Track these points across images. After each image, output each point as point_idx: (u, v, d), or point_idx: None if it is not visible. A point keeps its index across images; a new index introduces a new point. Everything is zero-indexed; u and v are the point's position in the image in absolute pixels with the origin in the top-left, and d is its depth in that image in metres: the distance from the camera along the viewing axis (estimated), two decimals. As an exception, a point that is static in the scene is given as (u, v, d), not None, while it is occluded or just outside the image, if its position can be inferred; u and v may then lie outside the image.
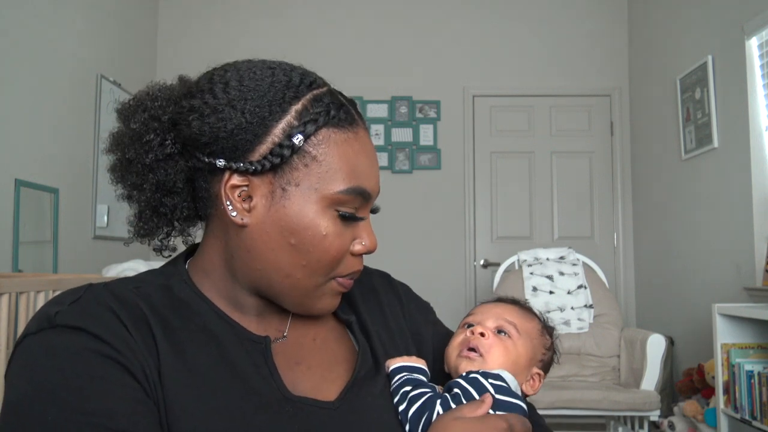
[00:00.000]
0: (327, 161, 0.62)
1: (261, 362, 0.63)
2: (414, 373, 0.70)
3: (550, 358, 0.81)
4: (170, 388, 0.57)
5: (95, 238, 3.34)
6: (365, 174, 0.64)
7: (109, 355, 0.55)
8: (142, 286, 0.64)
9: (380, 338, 0.74)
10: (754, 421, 2.24)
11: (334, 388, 0.66)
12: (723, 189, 2.98)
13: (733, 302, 2.71)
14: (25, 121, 2.73)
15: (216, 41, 4.11)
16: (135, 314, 0.59)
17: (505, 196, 4.10)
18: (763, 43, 2.73)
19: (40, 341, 0.56)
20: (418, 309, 0.83)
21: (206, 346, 0.62)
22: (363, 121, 0.67)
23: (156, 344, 0.59)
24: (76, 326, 0.56)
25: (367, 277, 0.80)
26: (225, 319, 0.65)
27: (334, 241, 0.62)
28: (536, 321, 0.81)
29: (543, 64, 4.12)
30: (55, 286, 1.86)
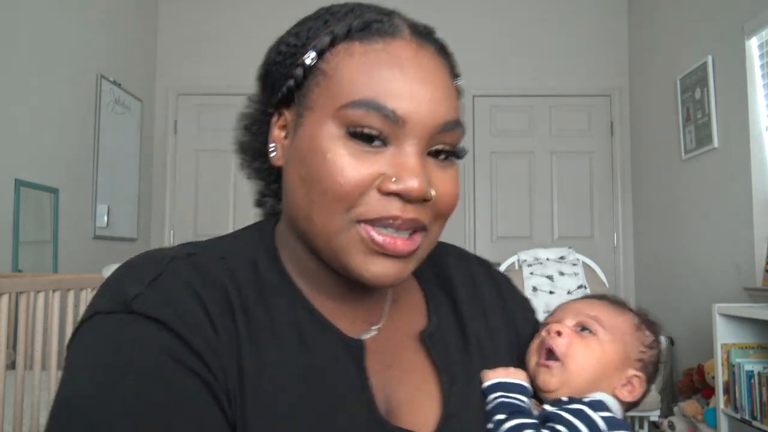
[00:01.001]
0: (338, 75, 0.52)
1: (353, 375, 0.53)
2: (511, 393, 0.59)
3: (654, 358, 0.68)
4: (251, 403, 0.48)
5: (95, 238, 3.34)
6: (390, 89, 0.50)
7: (191, 367, 0.46)
8: (229, 259, 0.55)
9: (479, 339, 0.63)
10: (754, 421, 2.24)
11: (430, 404, 0.56)
12: (723, 189, 2.98)
13: (733, 302, 2.71)
14: (25, 121, 2.73)
15: (216, 41, 4.11)
16: (221, 301, 0.51)
17: (505, 196, 4.10)
18: (763, 43, 2.73)
19: (111, 327, 0.47)
20: (518, 305, 0.71)
21: (292, 351, 0.52)
22: (419, 36, 0.55)
23: (239, 344, 0.50)
24: (157, 319, 0.47)
25: (468, 265, 0.70)
26: (313, 313, 0.55)
27: (344, 168, 0.50)
28: (629, 314, 0.69)
29: (543, 64, 4.12)
30: (55, 286, 1.86)
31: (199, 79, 4.11)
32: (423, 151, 0.52)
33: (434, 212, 0.54)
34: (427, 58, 0.53)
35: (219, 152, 4.09)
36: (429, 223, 0.53)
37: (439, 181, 0.53)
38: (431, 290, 0.65)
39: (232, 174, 4.09)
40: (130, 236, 3.75)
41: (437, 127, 0.52)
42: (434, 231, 0.55)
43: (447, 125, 0.53)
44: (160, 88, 4.13)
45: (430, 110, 0.51)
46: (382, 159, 0.51)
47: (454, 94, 0.55)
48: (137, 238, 3.85)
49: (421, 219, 0.52)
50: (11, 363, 2.14)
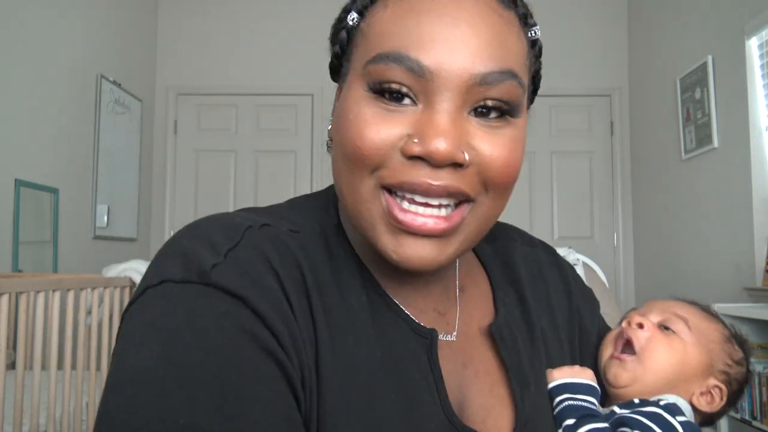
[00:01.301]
0: (372, 31, 0.47)
1: (425, 366, 0.49)
2: (579, 395, 0.55)
3: (740, 376, 0.63)
4: (327, 394, 0.44)
5: (95, 238, 3.34)
6: (417, 37, 0.44)
7: (270, 349, 0.42)
8: (301, 233, 0.50)
9: (544, 334, 0.58)
10: (754, 421, 2.24)
11: (504, 411, 0.52)
12: (723, 189, 2.98)
13: (733, 302, 2.71)
14: (25, 121, 2.73)
15: (216, 41, 4.11)
16: (296, 279, 0.46)
17: (505, 196, 4.10)
18: (763, 43, 2.73)
19: (185, 298, 0.42)
20: (585, 299, 0.65)
21: (367, 335, 0.48)
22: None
23: (315, 327, 0.45)
24: (238, 294, 0.42)
25: (534, 253, 0.64)
26: (385, 299, 0.50)
27: (364, 127, 0.45)
28: (720, 325, 0.65)
29: (543, 64, 4.10)
30: (55, 286, 1.86)
31: (199, 79, 4.11)
32: (460, 109, 0.45)
33: (482, 180, 0.46)
34: (472, 1, 0.46)
35: (219, 152, 4.10)
36: (476, 194, 0.46)
37: (485, 144, 0.45)
38: (497, 280, 0.59)
39: (232, 174, 4.09)
40: (130, 236, 3.75)
41: (476, 78, 0.44)
42: (486, 205, 0.47)
43: (490, 76, 0.44)
44: (160, 88, 4.13)
45: (466, 59, 0.44)
46: (408, 118, 0.45)
47: (510, 42, 0.47)
48: (137, 238, 3.85)
49: (459, 187, 0.45)
50: (11, 363, 2.14)
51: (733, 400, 0.64)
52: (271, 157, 4.05)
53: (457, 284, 0.56)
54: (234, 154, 4.10)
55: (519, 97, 0.47)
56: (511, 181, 0.47)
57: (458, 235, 0.47)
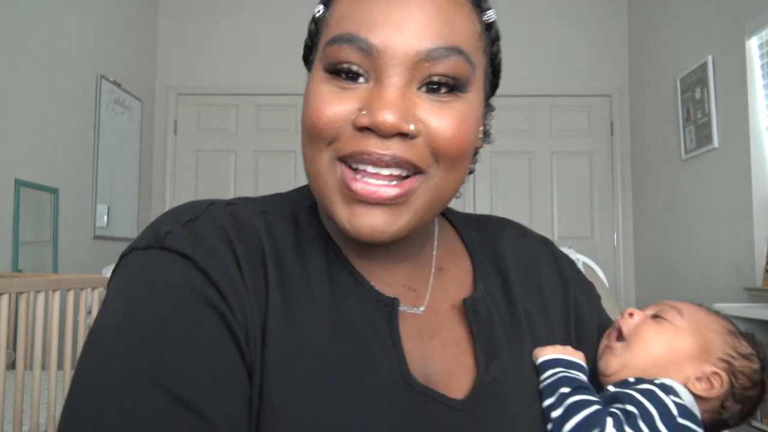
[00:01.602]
0: (332, 18, 0.51)
1: (384, 331, 0.51)
2: (571, 370, 0.56)
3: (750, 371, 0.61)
4: (272, 349, 0.48)
5: (95, 238, 3.35)
6: (370, 21, 0.48)
7: (213, 303, 0.47)
8: (269, 213, 0.55)
9: (530, 317, 0.60)
10: (754, 421, 2.24)
11: (467, 376, 0.54)
12: (723, 189, 2.98)
13: (733, 302, 2.71)
14: (25, 121, 2.73)
15: (216, 41, 4.11)
16: (254, 249, 0.51)
17: (505, 196, 4.10)
18: (763, 43, 2.73)
19: (144, 261, 0.49)
20: (583, 290, 0.67)
21: (323, 302, 0.51)
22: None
23: (267, 290, 0.50)
24: (185, 254, 0.48)
25: (526, 242, 0.66)
26: (349, 269, 0.54)
27: (319, 104, 0.49)
28: (723, 319, 0.64)
29: (543, 64, 4.12)
30: (55, 286, 1.86)
31: (199, 79, 4.11)
32: (407, 84, 0.48)
33: (432, 151, 0.49)
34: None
35: (219, 152, 4.10)
36: (426, 165, 0.49)
37: (432, 117, 0.48)
38: (480, 262, 0.61)
39: (232, 174, 4.09)
40: (130, 236, 3.75)
41: (421, 54, 0.47)
42: (439, 176, 0.50)
43: (435, 52, 0.48)
44: (160, 88, 4.13)
45: (411, 37, 0.47)
46: (360, 95, 0.48)
47: (458, 22, 0.49)
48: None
49: (407, 157, 0.48)
50: (11, 363, 2.14)
51: (746, 398, 0.61)
52: (271, 157, 4.05)
53: (433, 264, 0.59)
54: (234, 154, 4.10)
55: (467, 72, 0.49)
56: (459, 152, 0.50)
57: (409, 205, 0.50)
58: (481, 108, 0.53)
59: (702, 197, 3.17)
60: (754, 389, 0.61)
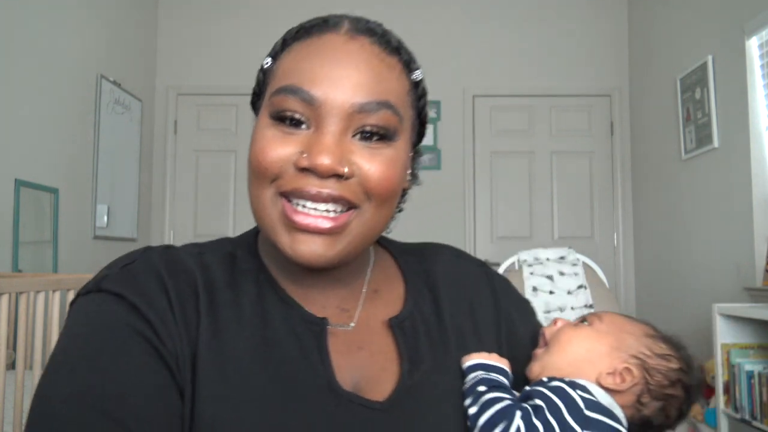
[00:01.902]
0: (279, 71, 0.58)
1: (312, 347, 0.58)
2: (492, 373, 0.61)
3: (666, 370, 0.65)
4: (202, 371, 0.54)
5: (95, 238, 3.35)
6: (312, 76, 0.55)
7: (141, 332, 0.53)
8: (206, 253, 0.62)
9: (460, 331, 0.66)
10: (754, 422, 2.24)
11: (391, 382, 0.59)
12: (723, 189, 2.98)
13: (733, 302, 2.71)
14: (25, 121, 2.73)
15: (216, 41, 4.11)
16: (186, 284, 0.58)
17: (505, 196, 4.10)
18: (763, 43, 2.73)
19: (84, 304, 0.56)
20: (516, 307, 0.73)
21: (252, 326, 0.58)
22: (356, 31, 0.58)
23: (199, 320, 0.56)
24: (118, 293, 0.55)
25: (460, 264, 0.73)
26: (281, 296, 0.60)
27: (265, 146, 0.55)
28: (643, 325, 0.68)
29: (543, 64, 4.12)
30: (55, 286, 1.86)
31: (199, 79, 4.12)
32: (343, 132, 0.55)
33: (364, 191, 0.56)
34: (357, 46, 0.57)
35: (219, 152, 4.10)
36: (359, 202, 0.56)
37: (364, 161, 0.55)
38: (414, 283, 0.68)
39: (232, 174, 4.09)
40: (130, 236, 3.75)
41: (355, 107, 0.54)
42: (370, 212, 0.57)
43: (367, 106, 0.55)
44: (160, 88, 4.13)
45: (347, 92, 0.54)
46: (301, 139, 0.55)
47: (389, 81, 0.57)
48: (137, 238, 3.85)
49: (342, 195, 0.55)
50: (11, 363, 2.14)
51: (665, 395, 0.65)
52: (271, 157, 4.05)
53: (364, 287, 0.66)
54: (234, 154, 4.10)
55: (395, 124, 0.57)
56: (388, 192, 0.57)
57: (345, 236, 0.56)
58: (408, 154, 0.61)
59: (702, 197, 3.17)
60: (673, 388, 0.65)
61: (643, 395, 0.64)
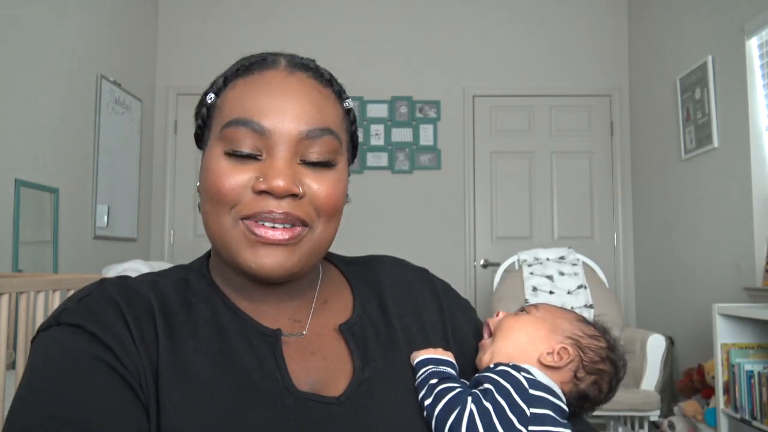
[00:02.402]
0: (225, 105, 0.64)
1: (267, 355, 0.62)
2: (441, 366, 0.67)
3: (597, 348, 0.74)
4: (165, 385, 0.58)
5: (95, 238, 3.35)
6: (260, 109, 0.62)
7: (101, 358, 0.56)
8: (160, 280, 0.67)
9: (407, 329, 0.71)
10: (754, 421, 2.24)
11: (345, 379, 0.64)
12: (723, 189, 2.98)
13: (733, 302, 2.71)
14: (25, 121, 2.73)
15: (215, 41, 4.11)
16: (142, 309, 0.61)
17: (505, 196, 4.10)
18: (763, 43, 2.73)
19: (44, 339, 0.59)
20: (459, 306, 0.80)
21: (209, 341, 0.62)
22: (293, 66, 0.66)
23: (158, 339, 0.60)
24: (76, 324, 0.58)
25: (402, 270, 0.79)
26: (236, 312, 0.65)
27: (222, 174, 0.61)
28: (573, 313, 0.78)
29: (543, 64, 4.12)
30: (55, 286, 1.86)
31: (199, 79, 4.10)
32: (292, 157, 0.62)
33: (314, 208, 0.63)
34: (296, 81, 0.64)
35: (219, 152, 4.10)
36: (311, 220, 0.63)
37: (313, 182, 0.63)
38: (360, 292, 0.74)
39: (232, 174, 4.09)
40: (130, 236, 3.75)
41: (302, 134, 0.62)
42: (320, 228, 0.64)
43: (312, 132, 0.62)
44: (160, 88, 4.13)
45: (293, 121, 0.61)
46: (255, 167, 0.61)
47: (327, 109, 0.65)
48: (137, 238, 3.85)
49: (297, 213, 0.61)
50: (11, 363, 2.14)
51: (598, 370, 0.73)
52: (271, 157, 4.05)
53: (315, 298, 0.71)
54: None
55: (336, 147, 0.64)
56: (335, 209, 0.65)
57: (299, 248, 0.63)
58: (347, 174, 0.68)
59: (702, 197, 3.17)
60: (603, 363, 0.73)
61: (578, 371, 0.72)
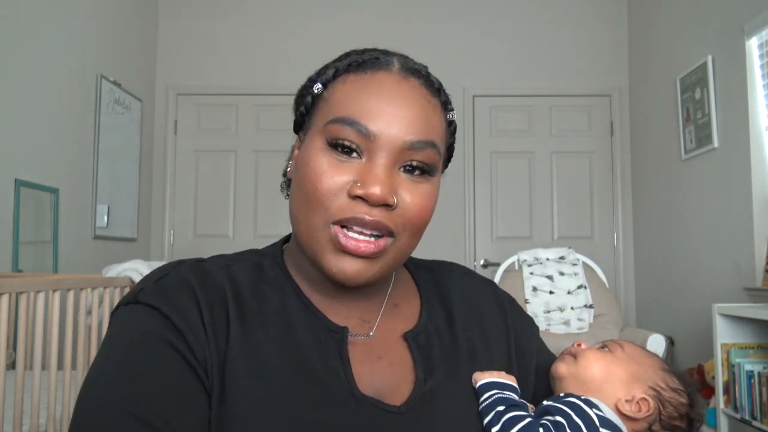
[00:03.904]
0: (331, 99, 0.63)
1: (333, 354, 0.62)
2: (506, 391, 0.65)
3: (677, 403, 0.70)
4: (233, 374, 0.58)
5: (95, 238, 3.35)
6: (368, 110, 0.60)
7: (172, 343, 0.58)
8: (234, 265, 0.67)
9: (471, 343, 0.71)
10: (754, 421, 2.24)
11: (408, 388, 0.64)
12: (723, 189, 2.98)
13: (733, 302, 2.71)
14: (25, 121, 2.73)
15: (216, 41, 4.11)
16: (215, 294, 0.62)
17: (505, 196, 4.10)
18: (763, 43, 2.73)
19: (122, 315, 0.61)
20: (523, 322, 0.78)
21: (278, 330, 0.62)
22: (407, 71, 0.64)
23: (228, 326, 0.61)
24: (152, 305, 0.60)
25: (471, 281, 0.78)
26: (306, 304, 0.65)
27: (321, 174, 0.60)
28: (658, 359, 0.74)
29: (543, 64, 4.12)
30: (55, 286, 1.86)
31: (199, 79, 4.12)
32: (392, 165, 0.60)
33: (403, 221, 0.61)
34: (408, 87, 0.62)
35: (219, 152, 4.10)
36: (398, 231, 0.61)
37: (408, 193, 0.61)
38: (428, 299, 0.73)
39: (232, 174, 4.09)
40: (130, 236, 3.75)
41: (406, 144, 0.60)
42: (404, 240, 0.63)
43: (417, 144, 0.61)
44: (160, 88, 4.13)
45: (401, 129, 0.60)
46: (354, 168, 0.60)
47: (434, 121, 0.63)
48: (137, 238, 3.85)
49: (386, 223, 0.60)
50: (11, 363, 2.14)
51: (673, 427, 0.70)
52: (271, 157, 4.05)
53: (385, 301, 0.71)
54: (234, 154, 4.10)
55: (436, 161, 0.63)
56: (423, 223, 0.63)
57: (380, 260, 0.62)
58: (439, 187, 0.67)
59: (702, 197, 3.17)
60: (680, 420, 0.71)
61: (654, 424, 0.69)
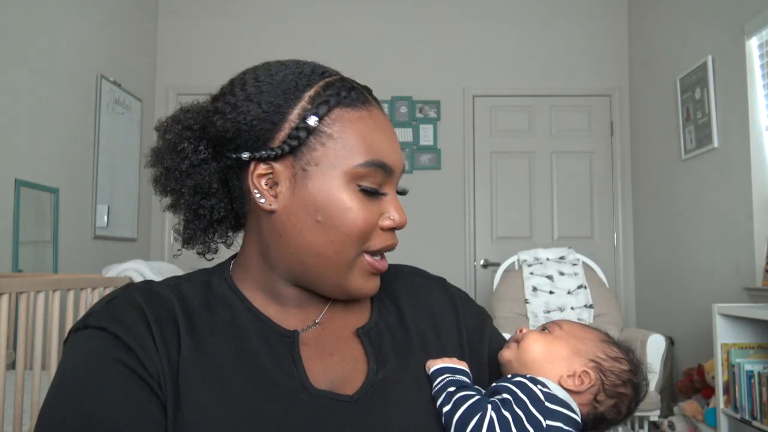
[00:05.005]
0: (343, 138, 0.65)
1: (285, 354, 0.66)
2: (456, 374, 0.69)
3: (619, 371, 0.73)
4: (186, 383, 0.61)
5: (95, 238, 3.35)
6: (383, 148, 0.67)
7: (122, 360, 0.60)
8: (182, 284, 0.70)
9: (422, 335, 0.74)
10: (754, 421, 2.24)
11: (361, 379, 0.67)
12: (723, 189, 2.98)
13: (733, 302, 2.71)
14: (25, 121, 2.73)
15: (215, 41, 4.11)
16: (164, 312, 0.65)
17: (505, 196, 4.10)
18: (763, 43, 2.73)
19: (72, 341, 0.63)
20: (474, 314, 0.82)
21: (229, 340, 0.65)
22: (378, 103, 0.70)
23: (179, 339, 0.64)
24: (101, 326, 0.62)
25: (420, 280, 0.83)
26: (255, 313, 0.69)
27: (360, 215, 0.65)
28: (597, 332, 0.77)
29: (543, 64, 4.12)
30: (55, 286, 1.86)
31: (199, 79, 4.11)
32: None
33: None
34: (386, 118, 0.70)
35: (219, 152, 4.10)
36: None
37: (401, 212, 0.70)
38: (380, 297, 0.77)
39: (232, 174, 4.09)
40: (130, 236, 3.75)
41: (403, 170, 0.71)
42: None
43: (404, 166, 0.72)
44: (160, 88, 4.13)
45: (401, 159, 0.70)
46: (381, 203, 0.68)
47: None
48: (137, 238, 3.85)
49: None
50: (11, 363, 2.14)
51: (618, 394, 0.73)
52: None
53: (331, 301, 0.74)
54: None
55: None
56: None
57: None
58: None
59: (702, 197, 3.17)
60: (624, 387, 0.73)
61: (599, 394, 0.72)
